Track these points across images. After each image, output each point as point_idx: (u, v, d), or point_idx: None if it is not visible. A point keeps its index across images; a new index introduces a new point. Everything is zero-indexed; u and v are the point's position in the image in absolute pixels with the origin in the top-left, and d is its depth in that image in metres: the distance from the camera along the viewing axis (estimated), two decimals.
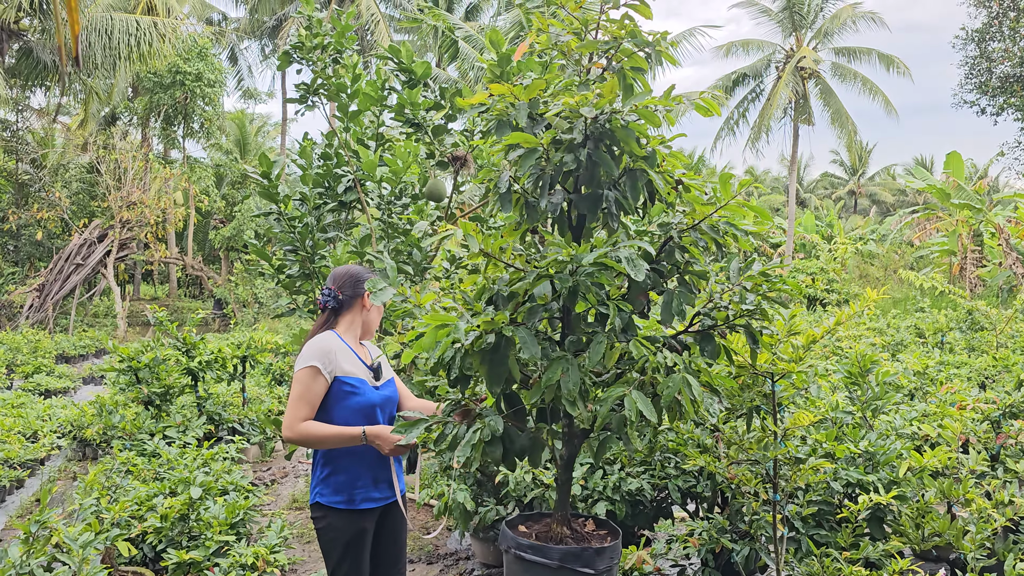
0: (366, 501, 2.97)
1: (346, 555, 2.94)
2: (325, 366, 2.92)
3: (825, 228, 35.28)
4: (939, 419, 4.88)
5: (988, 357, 7.84)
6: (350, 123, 6.19)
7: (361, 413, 2.96)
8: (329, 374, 2.92)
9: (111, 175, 23.23)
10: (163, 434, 7.30)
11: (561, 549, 2.71)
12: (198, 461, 6.01)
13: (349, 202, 6.14)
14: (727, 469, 3.63)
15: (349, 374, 2.96)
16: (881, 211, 56.24)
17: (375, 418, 2.98)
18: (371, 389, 3.00)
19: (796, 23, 30.51)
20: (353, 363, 3.00)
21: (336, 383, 2.94)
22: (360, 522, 2.96)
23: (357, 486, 2.97)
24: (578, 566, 2.67)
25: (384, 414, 3.04)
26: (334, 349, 2.96)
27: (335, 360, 2.94)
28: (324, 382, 2.91)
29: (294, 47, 6.00)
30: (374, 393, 3.00)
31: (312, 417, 2.91)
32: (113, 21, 21.98)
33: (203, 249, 36.27)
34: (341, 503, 2.96)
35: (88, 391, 13.28)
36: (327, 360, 2.92)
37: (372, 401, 2.98)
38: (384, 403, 3.04)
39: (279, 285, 5.80)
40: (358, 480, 2.97)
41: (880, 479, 4.04)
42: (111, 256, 22.46)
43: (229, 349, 8.37)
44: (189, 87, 27.31)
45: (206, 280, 28.02)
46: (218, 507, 4.63)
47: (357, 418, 2.95)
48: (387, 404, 3.06)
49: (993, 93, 22.83)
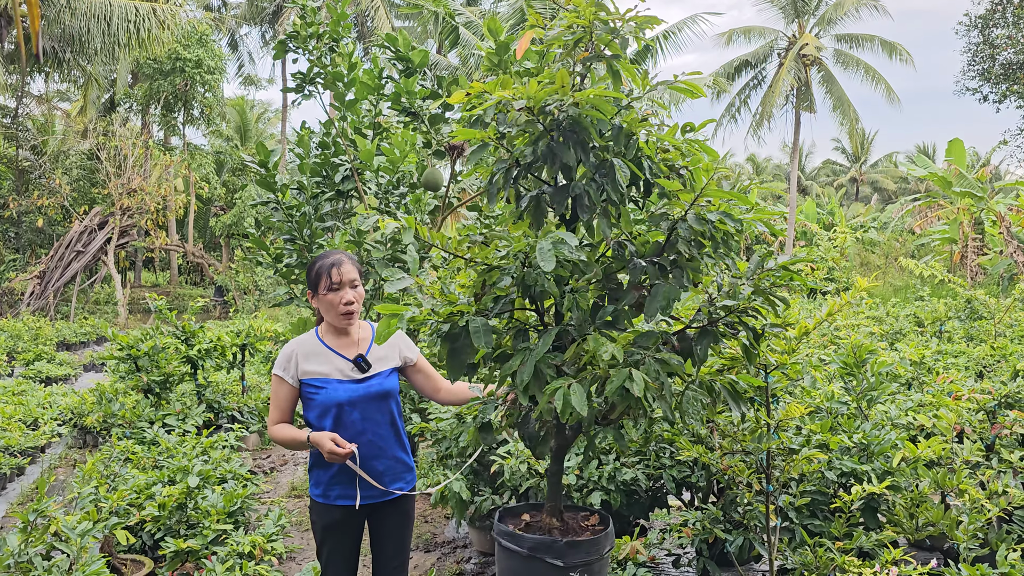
0: (342, 498, 2.99)
1: (324, 540, 3.05)
2: (287, 371, 3.02)
3: (826, 216, 35.24)
4: (935, 409, 4.89)
5: (986, 346, 7.85)
6: (347, 112, 6.18)
7: (325, 412, 2.98)
8: (292, 379, 3.01)
9: (111, 162, 23.20)
10: (163, 422, 7.33)
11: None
12: (197, 449, 6.03)
13: (347, 191, 6.14)
14: (721, 460, 3.65)
15: (313, 375, 3.00)
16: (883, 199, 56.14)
17: (342, 415, 2.97)
18: (338, 386, 2.97)
19: (799, 10, 30.35)
20: (323, 362, 3.02)
21: (302, 385, 3.02)
22: (334, 514, 3.01)
23: (333, 483, 3.01)
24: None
25: (356, 410, 2.98)
26: (296, 353, 3.03)
27: (297, 364, 3.01)
28: (289, 387, 3.01)
29: (289, 36, 5.98)
30: (339, 390, 2.97)
31: (284, 419, 3.04)
32: (112, 7, 21.89)
33: (204, 236, 36.28)
34: (318, 496, 3.05)
35: (89, 378, 13.31)
36: (288, 366, 3.02)
37: (335, 399, 2.96)
38: (358, 399, 2.98)
39: (277, 275, 5.81)
40: (333, 477, 3.01)
41: (874, 469, 4.06)
42: (112, 243, 22.46)
43: (228, 337, 8.39)
44: (189, 74, 27.21)
45: (207, 267, 28.02)
46: (216, 496, 4.65)
47: (323, 417, 2.99)
48: (362, 399, 2.98)
49: (996, 80, 22.74)
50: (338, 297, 2.97)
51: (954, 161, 24.08)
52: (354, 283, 3.01)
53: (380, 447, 3.02)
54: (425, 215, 5.80)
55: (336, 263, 3.00)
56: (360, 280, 3.07)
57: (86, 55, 22.73)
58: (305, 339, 3.10)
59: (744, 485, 3.66)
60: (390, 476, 3.04)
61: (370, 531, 3.15)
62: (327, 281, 2.98)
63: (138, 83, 30.09)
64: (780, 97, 29.51)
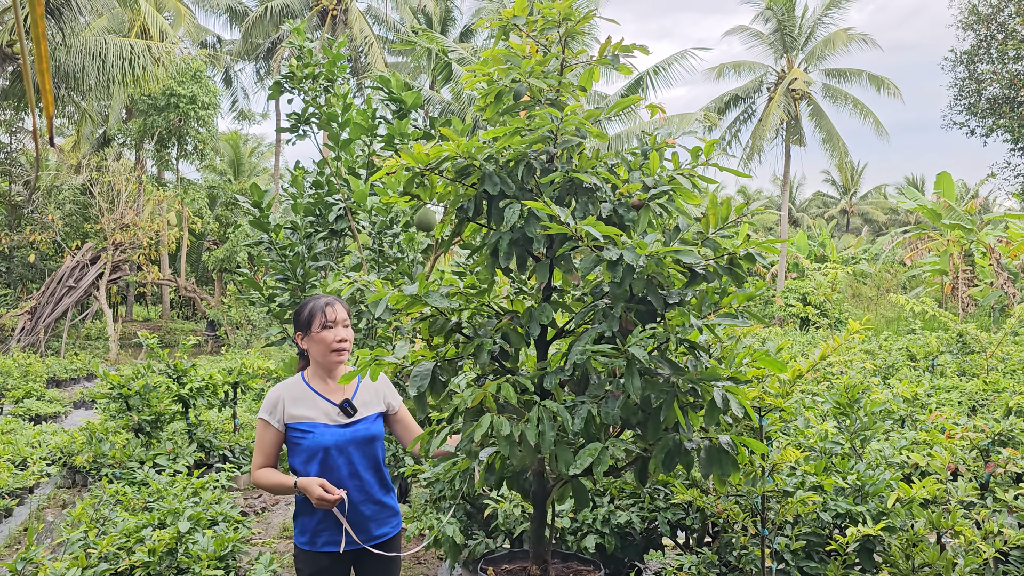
0: (329, 544, 2.97)
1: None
2: (272, 416, 3.01)
3: (818, 248, 35.43)
4: (928, 448, 4.89)
5: (979, 381, 7.86)
6: (341, 152, 6.22)
7: (311, 457, 2.97)
8: (278, 423, 3.00)
9: (104, 197, 23.22)
10: (153, 462, 7.26)
11: None
12: (188, 491, 5.97)
13: (340, 230, 6.16)
14: (715, 503, 3.63)
15: (300, 419, 3.00)
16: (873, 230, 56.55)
17: (328, 460, 2.96)
18: (325, 430, 2.97)
19: (787, 45, 30.78)
20: (310, 406, 3.02)
21: (288, 430, 3.01)
22: (321, 562, 2.98)
23: (319, 529, 2.99)
24: None
25: (343, 455, 2.97)
26: (283, 397, 3.03)
27: (284, 408, 3.01)
28: (275, 431, 3.00)
29: (285, 77, 6.04)
30: (326, 435, 2.96)
31: (268, 464, 3.02)
32: (107, 45, 22.06)
33: (196, 270, 36.22)
34: (304, 543, 3.03)
35: (79, 416, 13.19)
36: (274, 410, 3.01)
37: (322, 443, 2.96)
38: (345, 443, 2.97)
39: (270, 314, 5.80)
40: (320, 523, 2.99)
41: (869, 510, 4.04)
42: (104, 278, 22.42)
43: (220, 375, 8.34)
44: (183, 109, 27.37)
45: (199, 301, 27.95)
46: (207, 540, 4.60)
47: (309, 462, 2.98)
48: (348, 444, 2.98)
49: (982, 115, 23.04)
50: (332, 335, 3.00)
51: (942, 193, 24.29)
52: (346, 323, 3.04)
53: (366, 492, 3.01)
54: (418, 253, 5.81)
55: (329, 303, 3.04)
56: (350, 322, 3.10)
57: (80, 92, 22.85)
58: (292, 383, 3.10)
59: (740, 528, 3.64)
60: (376, 521, 3.03)
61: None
62: (321, 319, 3.00)
63: (132, 118, 30.21)
64: (770, 131, 29.80)
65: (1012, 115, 22.00)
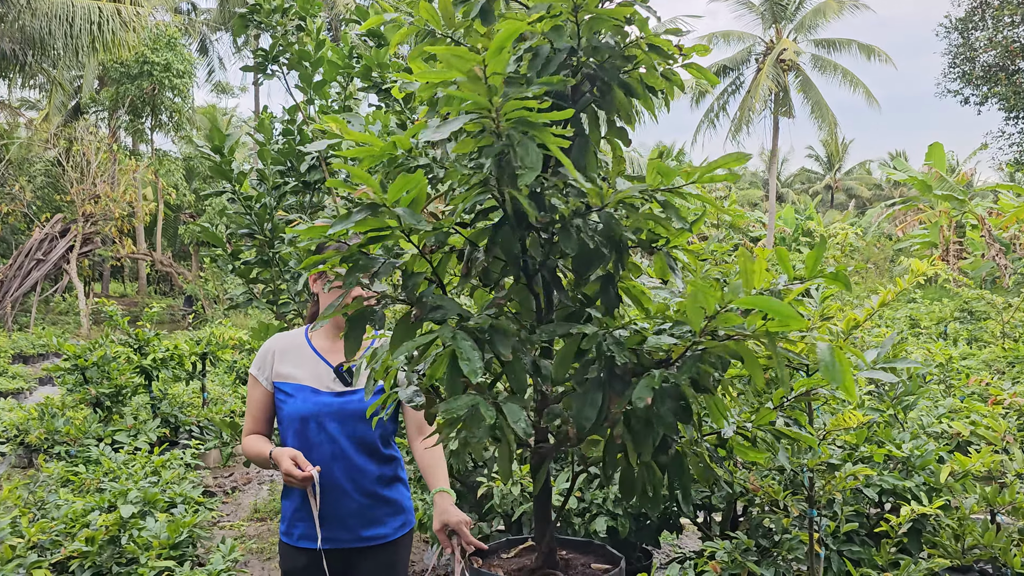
0: (304, 539, 2.42)
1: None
2: (261, 372, 2.49)
3: (805, 221, 35.03)
4: (967, 415, 4.40)
5: (997, 348, 7.41)
6: (314, 94, 5.60)
7: (289, 426, 2.45)
8: (266, 380, 2.48)
9: (75, 168, 22.34)
10: (112, 439, 6.68)
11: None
12: (147, 469, 5.43)
13: (313, 182, 5.56)
14: (749, 479, 3.10)
15: (285, 379, 2.46)
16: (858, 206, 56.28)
17: (306, 434, 2.42)
18: (309, 396, 2.42)
19: (776, 15, 30.17)
20: (301, 364, 2.46)
21: (275, 390, 2.48)
22: (298, 560, 2.43)
23: (295, 519, 2.44)
24: None
25: (323, 431, 2.41)
26: (275, 351, 2.50)
27: (272, 364, 2.48)
28: (263, 390, 2.49)
29: (251, 9, 5.40)
30: (307, 402, 2.42)
31: (258, 430, 2.50)
32: (74, 8, 21.11)
33: (173, 245, 35.35)
34: (283, 533, 2.49)
35: (44, 392, 12.53)
36: (263, 365, 2.50)
37: (299, 411, 2.41)
38: (326, 416, 2.41)
39: (234, 273, 5.21)
40: (297, 510, 2.44)
41: (918, 485, 3.54)
42: (74, 251, 21.60)
43: (187, 346, 7.74)
44: (157, 78, 26.39)
45: (176, 276, 27.16)
46: (159, 525, 4.04)
47: (287, 432, 2.45)
48: (331, 417, 2.41)
49: (977, 83, 22.59)
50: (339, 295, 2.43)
51: (934, 164, 23.89)
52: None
53: (355, 480, 2.43)
54: None
55: None
56: None
57: (49, 58, 21.88)
58: (290, 336, 2.56)
59: (780, 508, 3.12)
60: (365, 519, 2.45)
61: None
62: None
63: (104, 87, 29.21)
64: (759, 102, 29.26)
65: (1007, 83, 21.55)
